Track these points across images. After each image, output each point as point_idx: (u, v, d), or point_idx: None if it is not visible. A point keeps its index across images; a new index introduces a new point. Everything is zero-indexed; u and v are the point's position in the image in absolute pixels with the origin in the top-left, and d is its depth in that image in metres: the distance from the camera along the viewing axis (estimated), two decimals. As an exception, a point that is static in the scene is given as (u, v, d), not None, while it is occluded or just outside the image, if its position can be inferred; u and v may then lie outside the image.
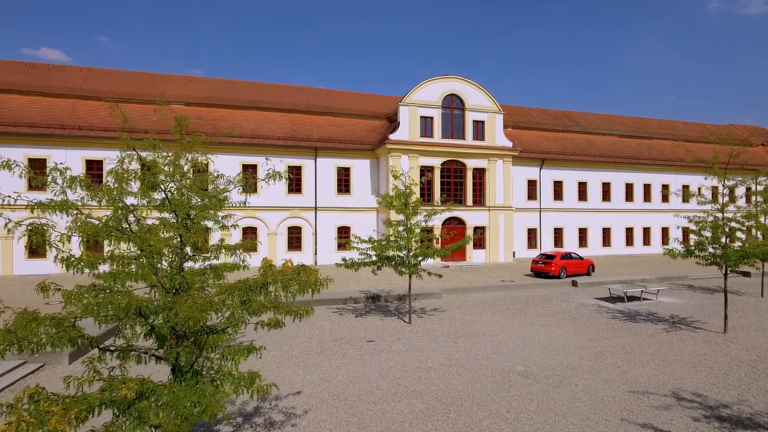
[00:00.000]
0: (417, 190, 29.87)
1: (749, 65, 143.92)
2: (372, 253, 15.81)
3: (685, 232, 40.53)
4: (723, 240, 14.23)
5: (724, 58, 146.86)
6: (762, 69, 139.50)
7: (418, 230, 16.00)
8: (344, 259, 15.68)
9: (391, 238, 15.81)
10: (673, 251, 14.60)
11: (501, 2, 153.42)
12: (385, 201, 16.28)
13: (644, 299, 20.23)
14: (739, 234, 14.36)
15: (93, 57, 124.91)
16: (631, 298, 20.27)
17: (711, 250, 14.23)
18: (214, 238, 6.98)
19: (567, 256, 25.49)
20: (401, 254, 15.97)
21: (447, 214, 31.24)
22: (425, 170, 31.39)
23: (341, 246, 29.98)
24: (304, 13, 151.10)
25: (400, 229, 15.69)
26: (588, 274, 26.10)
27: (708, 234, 14.54)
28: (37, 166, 25.05)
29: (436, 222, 30.81)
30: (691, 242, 14.85)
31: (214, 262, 7.74)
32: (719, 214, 14.25)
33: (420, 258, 15.61)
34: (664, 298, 20.57)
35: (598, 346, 12.93)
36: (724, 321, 14.41)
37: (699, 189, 39.54)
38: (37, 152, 26.67)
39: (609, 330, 14.80)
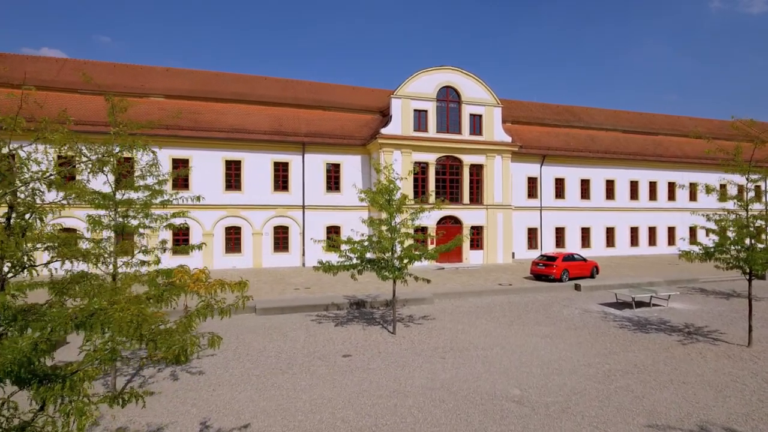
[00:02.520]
0: (409, 185, 28.25)
1: (750, 65, 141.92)
2: (352, 255, 14.15)
3: (692, 232, 38.69)
4: (747, 241, 12.54)
5: (725, 57, 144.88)
6: (763, 68, 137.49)
7: (404, 230, 14.34)
8: (320, 262, 14.02)
9: (374, 239, 14.15)
10: (690, 254, 12.89)
11: (501, 2, 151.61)
12: (368, 197, 14.63)
13: (654, 305, 18.54)
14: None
15: (94, 57, 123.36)
16: (640, 304, 18.59)
17: (734, 252, 12.53)
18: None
19: (569, 257, 23.79)
20: (385, 256, 14.30)
21: (442, 213, 29.63)
22: (419, 166, 29.72)
23: (331, 247, 28.30)
24: (304, 13, 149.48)
25: (384, 228, 14.04)
26: (592, 276, 24.41)
27: (731, 234, 12.86)
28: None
29: (430, 221, 29.17)
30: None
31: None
32: (743, 213, 12.56)
33: (406, 260, 13.93)
34: (676, 303, 18.87)
35: (606, 362, 11.26)
36: (749, 333, 12.72)
37: (707, 187, 37.77)
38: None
39: (617, 342, 13.12)
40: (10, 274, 3.80)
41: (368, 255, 14.31)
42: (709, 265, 13.52)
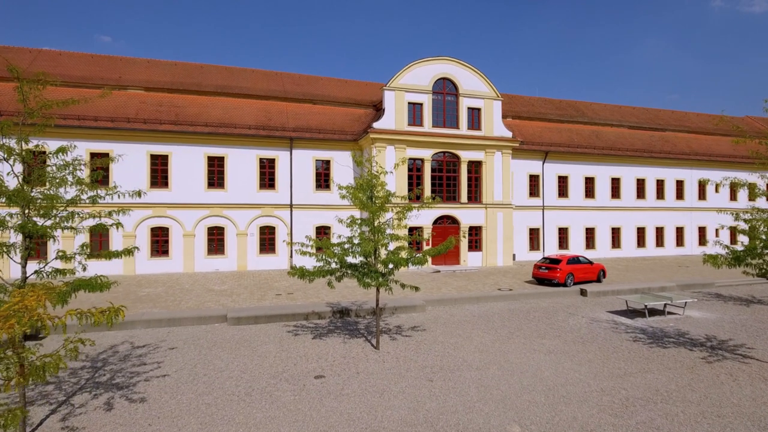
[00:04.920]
0: (403, 183, 26.56)
1: (751, 64, 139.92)
2: (330, 259, 12.46)
3: (702, 232, 36.96)
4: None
5: (727, 56, 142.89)
6: (764, 68, 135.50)
7: (389, 230, 12.67)
8: (293, 267, 12.35)
9: (355, 240, 12.47)
10: (718, 258, 11.19)
11: (501, 1, 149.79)
12: (349, 193, 12.96)
13: (669, 313, 16.84)
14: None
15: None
16: (652, 312, 16.90)
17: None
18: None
19: (574, 260, 22.06)
20: (367, 261, 12.61)
21: (438, 212, 27.99)
22: (414, 163, 28.06)
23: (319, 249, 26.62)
24: (304, 13, 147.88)
25: (365, 229, 12.38)
26: (598, 280, 22.70)
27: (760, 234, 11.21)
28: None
29: (426, 221, 27.52)
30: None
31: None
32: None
33: (391, 266, 12.24)
34: (693, 311, 17.17)
35: (622, 387, 9.56)
36: (785, 349, 11.02)
37: (716, 184, 36.09)
38: (-29, 142, 23.44)
39: (633, 360, 11.42)
40: None
41: (349, 259, 12.64)
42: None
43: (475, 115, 29.31)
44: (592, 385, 9.64)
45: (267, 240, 27.76)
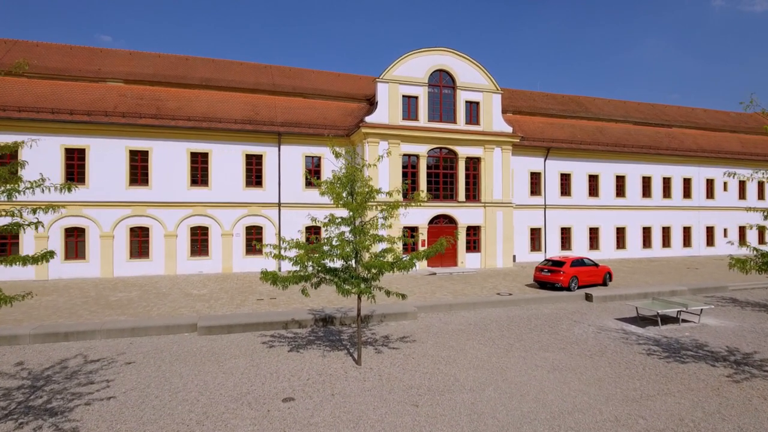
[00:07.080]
0: (398, 181, 25.15)
1: (751, 64, 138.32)
2: (307, 263, 11.06)
3: (710, 232, 35.48)
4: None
5: (727, 56, 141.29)
6: (765, 68, 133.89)
7: (373, 231, 11.29)
8: (264, 272, 10.95)
9: (334, 242, 11.08)
10: (746, 263, 9.78)
11: (501, 1, 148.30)
12: (328, 189, 11.60)
13: (683, 321, 15.42)
14: None
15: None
16: (665, 319, 15.49)
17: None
18: None
19: (579, 262, 20.61)
20: (348, 265, 11.23)
21: (434, 212, 26.60)
22: (409, 159, 26.66)
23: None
24: (303, 12, 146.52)
25: (344, 229, 11.00)
26: (604, 284, 21.27)
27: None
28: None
29: (421, 220, 26.19)
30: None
31: None
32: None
33: (375, 270, 10.83)
34: (708, 319, 15.74)
35: (639, 414, 8.14)
36: (825, 367, 9.60)
37: (724, 182, 34.97)
38: (-62, 136, 22.06)
39: (649, 378, 10.00)
40: None
41: (329, 263, 11.25)
42: (749, 273, 10.46)
43: (473, 109, 27.88)
44: (604, 412, 8.22)
45: (254, 240, 26.36)
